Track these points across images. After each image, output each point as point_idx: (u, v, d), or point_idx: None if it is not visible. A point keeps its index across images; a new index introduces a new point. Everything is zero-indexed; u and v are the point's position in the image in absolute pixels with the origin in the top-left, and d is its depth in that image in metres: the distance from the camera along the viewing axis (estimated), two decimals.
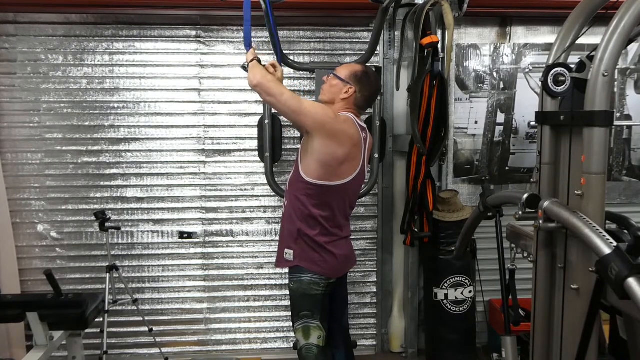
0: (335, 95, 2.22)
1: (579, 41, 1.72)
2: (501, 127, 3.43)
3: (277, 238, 3.34)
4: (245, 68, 2.26)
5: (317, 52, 3.30)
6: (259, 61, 2.20)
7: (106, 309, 2.85)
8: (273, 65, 2.26)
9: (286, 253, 2.21)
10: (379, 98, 3.08)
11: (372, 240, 3.47)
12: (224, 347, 3.44)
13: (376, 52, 3.13)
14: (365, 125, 2.28)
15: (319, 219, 2.14)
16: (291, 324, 3.43)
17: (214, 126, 3.31)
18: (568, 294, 1.62)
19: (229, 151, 3.33)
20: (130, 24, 3.18)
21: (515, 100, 3.41)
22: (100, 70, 3.20)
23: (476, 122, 3.42)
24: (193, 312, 3.40)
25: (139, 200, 3.30)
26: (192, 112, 3.28)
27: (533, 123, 3.39)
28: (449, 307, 3.14)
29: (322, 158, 2.08)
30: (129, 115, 3.25)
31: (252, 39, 2.30)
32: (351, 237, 2.39)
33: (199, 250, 3.37)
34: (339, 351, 2.48)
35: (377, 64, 3.27)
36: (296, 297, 2.21)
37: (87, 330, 2.70)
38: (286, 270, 2.29)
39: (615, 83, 3.39)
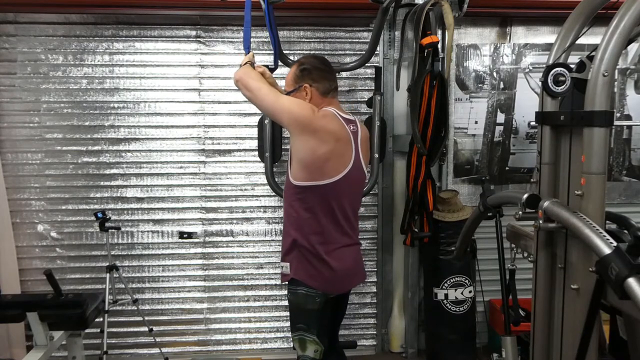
0: (306, 102, 2.08)
1: (579, 41, 1.72)
2: (501, 127, 3.43)
3: (277, 238, 3.38)
4: None
5: (317, 52, 3.30)
6: (252, 65, 2.17)
7: (106, 309, 2.85)
8: (262, 73, 2.18)
9: (282, 267, 2.09)
10: (379, 98, 3.08)
11: (372, 240, 3.47)
12: (224, 347, 3.44)
13: (376, 52, 3.13)
14: (353, 118, 2.12)
15: (313, 225, 1.99)
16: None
17: (214, 126, 3.31)
18: (568, 294, 1.62)
19: (229, 151, 3.33)
20: (130, 24, 3.18)
21: (515, 100, 3.41)
22: (100, 70, 3.20)
23: (476, 122, 3.42)
24: (193, 312, 3.40)
25: (139, 200, 3.30)
26: (192, 112, 3.28)
27: (533, 123, 3.39)
28: (449, 307, 3.14)
29: (303, 157, 1.95)
30: (129, 115, 3.25)
31: (252, 39, 2.29)
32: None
33: (199, 250, 3.37)
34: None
35: (377, 64, 3.27)
36: (292, 308, 2.10)
37: (87, 330, 2.70)
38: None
39: (615, 83, 3.39)
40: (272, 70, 2.39)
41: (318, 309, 2.03)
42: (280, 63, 3.00)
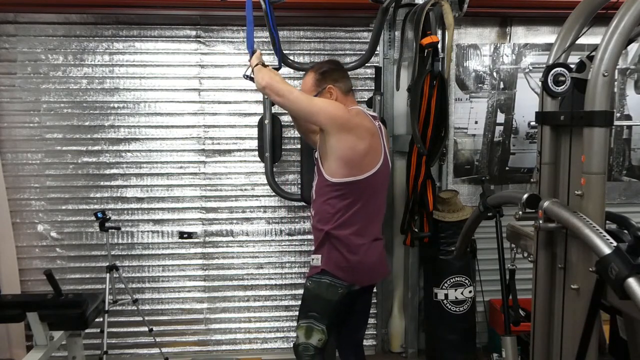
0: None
1: (579, 41, 1.72)
2: (501, 127, 3.43)
3: (277, 238, 3.38)
4: (247, 77, 2.22)
5: (317, 52, 3.30)
6: (264, 65, 2.17)
7: (106, 309, 2.85)
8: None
9: (313, 259, 2.13)
10: (379, 98, 3.08)
11: None
12: (224, 347, 3.44)
13: (376, 52, 3.13)
14: (376, 114, 2.22)
15: (350, 219, 2.05)
16: (291, 324, 3.46)
17: (214, 126, 3.31)
18: (568, 294, 1.62)
19: (229, 151, 3.33)
20: (130, 24, 3.18)
21: (515, 100, 3.41)
22: (100, 70, 3.20)
23: (476, 122, 3.42)
24: (193, 312, 3.40)
25: (139, 200, 3.30)
26: (192, 112, 3.28)
27: (533, 123, 3.39)
28: (449, 307, 3.14)
29: (343, 154, 2.00)
30: (129, 115, 3.25)
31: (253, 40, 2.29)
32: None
33: (199, 250, 3.37)
34: None
35: (377, 64, 3.27)
36: (310, 296, 2.12)
37: (87, 330, 2.71)
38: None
39: (615, 83, 3.39)
40: (277, 70, 2.39)
41: (337, 300, 2.08)
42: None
